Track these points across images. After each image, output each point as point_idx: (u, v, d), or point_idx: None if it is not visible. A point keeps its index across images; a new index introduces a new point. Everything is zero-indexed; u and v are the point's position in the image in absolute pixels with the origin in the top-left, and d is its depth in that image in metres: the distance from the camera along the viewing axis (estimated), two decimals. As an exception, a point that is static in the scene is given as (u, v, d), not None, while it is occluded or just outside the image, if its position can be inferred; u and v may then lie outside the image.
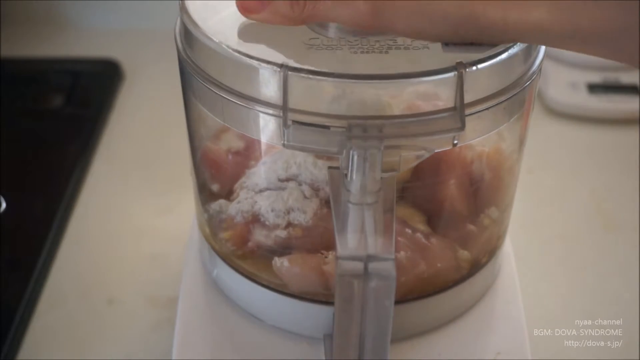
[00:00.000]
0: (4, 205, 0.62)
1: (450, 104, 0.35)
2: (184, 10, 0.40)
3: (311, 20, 0.36)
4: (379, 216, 0.35)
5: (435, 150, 0.36)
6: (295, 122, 0.35)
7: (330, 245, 0.41)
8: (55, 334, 0.55)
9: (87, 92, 0.79)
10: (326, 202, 0.41)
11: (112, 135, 0.74)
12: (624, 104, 0.75)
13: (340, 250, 0.34)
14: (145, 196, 0.67)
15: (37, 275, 0.58)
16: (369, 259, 0.34)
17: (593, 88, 0.77)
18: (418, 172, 0.41)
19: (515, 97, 0.38)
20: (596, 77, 0.78)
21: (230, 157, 0.45)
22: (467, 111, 0.35)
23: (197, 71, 0.39)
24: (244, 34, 0.38)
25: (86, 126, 0.74)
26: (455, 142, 0.35)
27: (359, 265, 0.34)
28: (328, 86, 0.35)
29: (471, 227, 0.44)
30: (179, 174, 0.68)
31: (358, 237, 0.35)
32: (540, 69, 0.40)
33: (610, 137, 0.74)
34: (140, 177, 0.70)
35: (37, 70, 0.83)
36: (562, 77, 0.78)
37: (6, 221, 0.61)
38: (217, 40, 0.37)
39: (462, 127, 0.35)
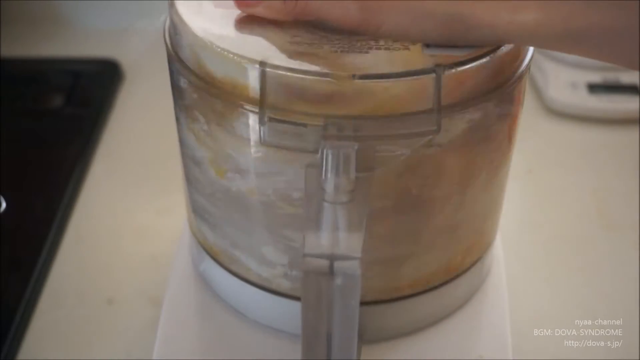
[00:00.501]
0: (4, 205, 0.62)
1: (429, 106, 0.35)
2: (172, 8, 0.40)
3: (302, 17, 0.37)
4: (351, 215, 0.35)
5: (411, 151, 0.36)
6: (272, 119, 0.35)
7: None
8: (55, 334, 0.55)
9: (87, 92, 0.79)
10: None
11: (112, 135, 0.74)
12: (624, 104, 0.75)
13: (307, 247, 0.35)
14: (145, 196, 0.67)
15: (37, 275, 0.58)
16: (334, 257, 0.34)
17: (593, 88, 0.77)
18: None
19: (499, 98, 0.38)
20: (596, 77, 0.78)
21: None
22: (447, 112, 0.35)
23: (182, 68, 0.39)
24: (228, 32, 0.38)
25: (86, 126, 0.74)
26: (432, 144, 0.35)
27: (324, 263, 0.34)
28: (306, 84, 0.35)
29: (453, 228, 0.44)
30: (179, 174, 0.68)
31: (327, 236, 0.35)
32: (529, 70, 0.40)
33: (610, 137, 0.74)
34: (140, 177, 0.69)
35: (37, 70, 0.83)
36: (562, 77, 0.78)
37: (6, 221, 0.61)
38: (201, 36, 0.37)
39: (438, 130, 0.35)
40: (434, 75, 0.34)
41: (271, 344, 0.45)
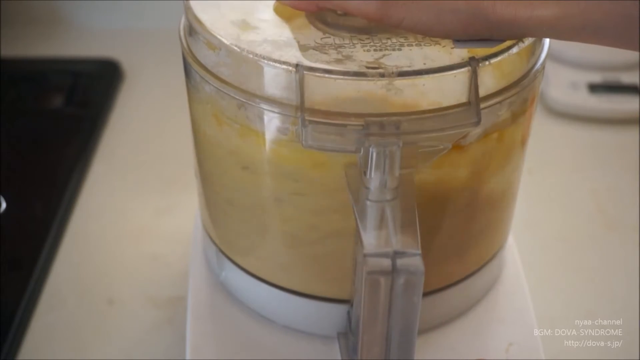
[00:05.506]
0: (4, 205, 0.62)
1: (462, 99, 0.36)
2: (189, 9, 0.40)
3: (324, 7, 0.38)
4: (402, 212, 0.35)
5: (451, 145, 0.36)
6: (312, 121, 0.35)
7: None
8: (55, 334, 0.55)
9: (87, 92, 0.79)
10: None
11: (112, 135, 0.74)
12: (625, 104, 0.75)
13: (367, 247, 0.34)
14: (145, 196, 0.67)
15: (37, 275, 0.58)
16: (396, 255, 0.34)
17: (594, 88, 0.77)
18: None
19: (520, 93, 0.38)
20: (597, 77, 0.78)
21: None
22: (483, 104, 0.36)
23: (202, 71, 0.39)
24: (253, 34, 0.38)
25: (86, 126, 0.74)
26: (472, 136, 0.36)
27: (386, 262, 0.34)
28: (343, 85, 0.35)
29: (475, 225, 0.44)
30: (178, 174, 0.68)
31: (382, 235, 0.35)
32: (544, 67, 0.40)
33: (610, 137, 0.74)
34: (140, 177, 0.69)
35: (37, 70, 0.83)
36: (563, 77, 0.78)
37: (6, 221, 0.61)
38: (227, 42, 0.37)
39: (479, 122, 0.35)
40: (469, 68, 0.35)
41: (302, 346, 0.44)
